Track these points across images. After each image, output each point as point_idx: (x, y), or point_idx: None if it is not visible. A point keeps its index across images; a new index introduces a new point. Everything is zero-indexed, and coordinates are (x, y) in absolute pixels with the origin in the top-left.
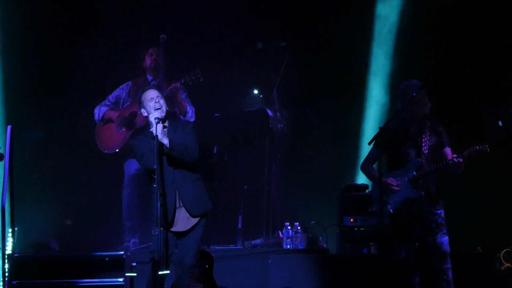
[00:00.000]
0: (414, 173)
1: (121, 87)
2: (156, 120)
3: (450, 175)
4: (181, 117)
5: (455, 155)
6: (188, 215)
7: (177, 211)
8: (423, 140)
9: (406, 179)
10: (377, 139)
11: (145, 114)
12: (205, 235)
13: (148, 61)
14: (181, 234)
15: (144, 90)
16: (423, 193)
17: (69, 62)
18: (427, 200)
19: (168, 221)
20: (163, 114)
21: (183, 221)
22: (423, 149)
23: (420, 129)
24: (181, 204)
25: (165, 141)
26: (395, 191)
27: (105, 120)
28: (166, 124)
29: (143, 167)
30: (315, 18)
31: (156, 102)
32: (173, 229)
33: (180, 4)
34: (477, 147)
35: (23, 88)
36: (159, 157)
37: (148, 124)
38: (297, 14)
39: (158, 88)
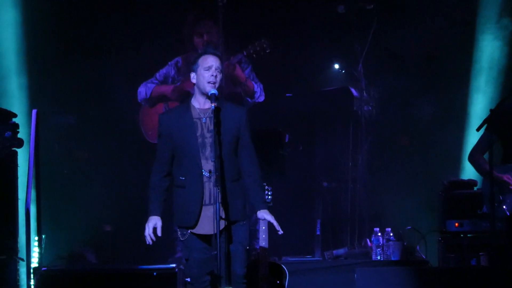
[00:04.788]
0: None
1: (169, 63)
2: (213, 106)
3: None
4: (248, 99)
5: None
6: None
7: (204, 209)
8: None
9: None
10: (488, 123)
11: (194, 80)
12: (275, 244)
13: (198, 43)
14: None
15: (203, 53)
16: None
17: (105, 32)
18: None
19: (192, 222)
20: (217, 93)
21: (209, 222)
22: None
23: None
24: (210, 202)
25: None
26: None
27: (155, 99)
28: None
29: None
30: None
31: (212, 75)
32: (197, 231)
33: None
34: None
35: (51, 64)
36: (217, 148)
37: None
38: None
39: (220, 58)
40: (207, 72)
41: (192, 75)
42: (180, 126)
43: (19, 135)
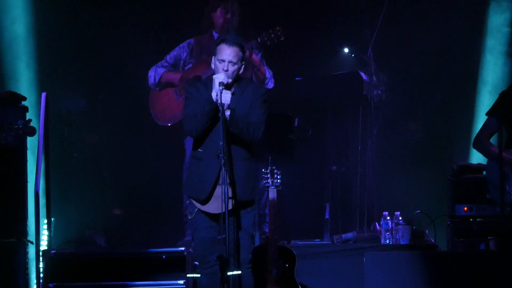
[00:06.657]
0: None
1: (181, 45)
2: (220, 88)
3: None
4: None
5: None
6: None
7: (218, 187)
8: None
9: None
10: (498, 107)
11: (213, 65)
12: (284, 227)
13: (220, 19)
14: (216, 218)
15: (222, 41)
16: None
17: (117, 14)
18: None
19: (204, 196)
20: (229, 80)
21: (216, 201)
22: None
23: None
24: (221, 182)
25: (226, 112)
26: None
27: (163, 85)
28: (233, 90)
29: (186, 128)
30: None
31: (223, 69)
32: (205, 208)
33: None
34: None
35: (61, 47)
36: (225, 129)
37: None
38: None
39: (240, 46)
40: (220, 64)
41: (213, 59)
42: (205, 97)
43: (28, 118)
